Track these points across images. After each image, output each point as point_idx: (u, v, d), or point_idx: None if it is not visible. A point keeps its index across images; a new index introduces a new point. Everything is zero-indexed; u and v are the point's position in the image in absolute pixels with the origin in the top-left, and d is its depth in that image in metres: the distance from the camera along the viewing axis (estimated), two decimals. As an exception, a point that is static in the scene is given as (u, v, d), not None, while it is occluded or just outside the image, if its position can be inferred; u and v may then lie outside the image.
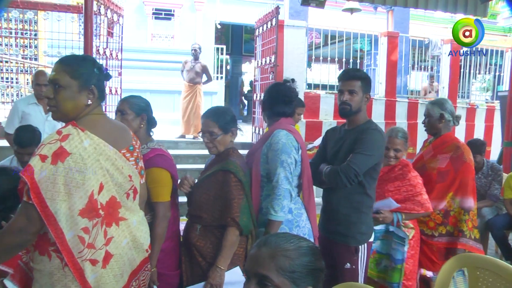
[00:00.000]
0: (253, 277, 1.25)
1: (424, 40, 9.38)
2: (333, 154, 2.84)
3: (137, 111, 2.49)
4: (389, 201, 3.03)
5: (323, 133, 6.79)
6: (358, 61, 8.69)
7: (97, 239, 1.77)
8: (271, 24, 7.02)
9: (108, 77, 1.96)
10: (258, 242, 1.31)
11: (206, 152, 7.78)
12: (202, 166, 6.65)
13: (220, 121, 2.51)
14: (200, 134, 2.57)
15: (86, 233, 1.74)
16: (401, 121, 8.47)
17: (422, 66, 9.97)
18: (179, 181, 2.62)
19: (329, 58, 7.84)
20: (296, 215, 2.61)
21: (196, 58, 8.04)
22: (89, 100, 1.85)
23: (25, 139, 3.20)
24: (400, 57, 8.85)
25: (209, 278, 2.34)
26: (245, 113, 14.83)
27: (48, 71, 7.80)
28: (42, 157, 1.68)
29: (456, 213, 3.36)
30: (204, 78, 8.19)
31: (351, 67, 8.23)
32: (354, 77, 2.73)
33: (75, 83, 1.82)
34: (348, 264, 2.71)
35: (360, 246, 2.75)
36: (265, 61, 7.29)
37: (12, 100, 8.81)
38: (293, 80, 2.82)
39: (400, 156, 3.18)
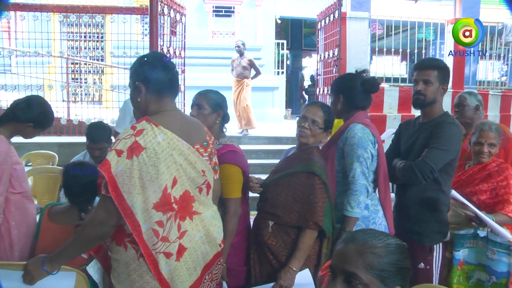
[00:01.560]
0: (339, 274, 1.20)
1: (497, 25, 8.79)
2: (406, 148, 2.72)
3: (214, 106, 2.49)
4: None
5: (387, 127, 6.60)
6: (423, 51, 8.33)
7: (171, 233, 1.80)
8: (334, 17, 6.90)
9: (168, 69, 1.93)
10: (344, 238, 1.26)
11: (269, 147, 7.72)
12: (265, 161, 6.73)
13: (328, 116, 2.47)
14: (299, 120, 2.50)
15: (160, 226, 1.77)
16: (470, 113, 8.01)
17: (493, 55, 9.36)
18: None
19: (393, 50, 7.59)
20: (372, 212, 2.52)
21: (241, 54, 8.26)
22: (138, 98, 1.89)
23: (96, 135, 3.36)
24: (469, 45, 8.34)
25: (279, 279, 2.30)
26: (306, 108, 14.68)
27: (115, 71, 8.17)
28: (118, 152, 1.72)
29: None
30: (253, 72, 8.38)
31: (416, 58, 7.93)
32: (430, 67, 2.60)
33: (131, 82, 1.93)
34: (422, 264, 2.60)
35: (434, 246, 2.63)
36: (328, 55, 7.17)
37: (82, 99, 9.29)
38: (365, 71, 2.73)
39: (495, 153, 2.88)
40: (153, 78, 1.88)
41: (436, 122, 2.60)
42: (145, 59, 1.93)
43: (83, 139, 6.51)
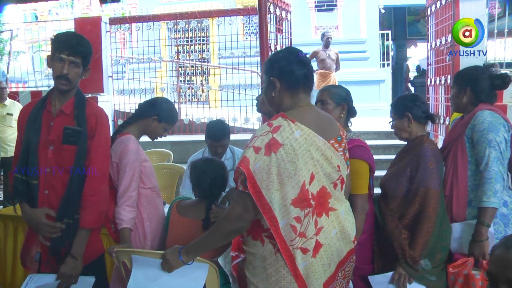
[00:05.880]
0: (502, 282, 1.10)
1: None
2: None
3: (337, 100, 2.49)
4: None
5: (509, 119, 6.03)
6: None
7: (308, 229, 1.80)
8: (446, 0, 6.45)
9: (303, 64, 1.90)
10: (504, 242, 1.14)
11: (379, 142, 7.48)
12: (376, 156, 6.42)
13: (414, 110, 2.47)
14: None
15: (298, 222, 1.77)
16: None
17: None
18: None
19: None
20: None
21: (327, 46, 8.11)
22: (273, 93, 1.90)
23: (219, 133, 3.45)
24: None
25: (398, 268, 2.30)
26: (412, 100, 14.04)
27: (222, 71, 8.43)
28: (255, 148, 1.75)
29: None
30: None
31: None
32: None
33: (265, 77, 1.96)
34: None
35: None
36: (440, 42, 6.73)
37: (190, 100, 9.75)
38: (494, 65, 2.54)
39: None
40: (288, 73, 1.88)
41: None
42: (280, 54, 1.94)
43: (193, 137, 6.80)
